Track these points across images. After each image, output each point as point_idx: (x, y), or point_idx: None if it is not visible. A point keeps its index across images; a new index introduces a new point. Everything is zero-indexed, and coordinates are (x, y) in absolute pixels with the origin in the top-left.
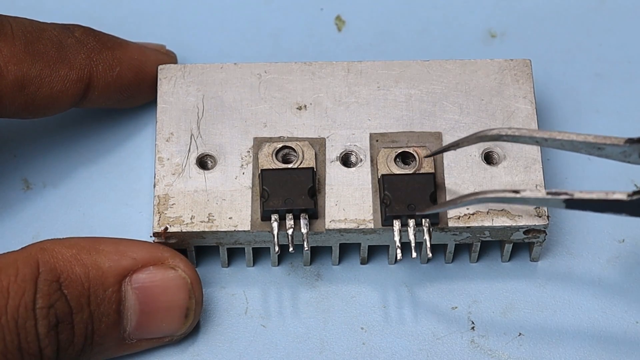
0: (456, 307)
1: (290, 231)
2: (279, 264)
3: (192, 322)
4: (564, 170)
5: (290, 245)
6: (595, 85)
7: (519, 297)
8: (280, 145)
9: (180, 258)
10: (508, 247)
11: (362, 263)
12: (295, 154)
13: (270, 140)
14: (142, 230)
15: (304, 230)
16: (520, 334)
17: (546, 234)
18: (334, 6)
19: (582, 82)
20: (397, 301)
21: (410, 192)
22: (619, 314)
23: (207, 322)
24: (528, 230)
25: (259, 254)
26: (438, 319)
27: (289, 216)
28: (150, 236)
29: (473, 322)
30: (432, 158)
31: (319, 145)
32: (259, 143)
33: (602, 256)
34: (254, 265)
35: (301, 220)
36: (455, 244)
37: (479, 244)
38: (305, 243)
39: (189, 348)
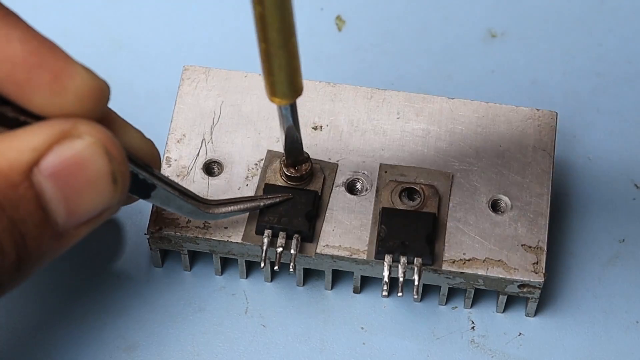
0: (456, 307)
1: (279, 249)
2: (272, 281)
3: (124, 185)
4: (564, 169)
5: (276, 263)
6: (595, 85)
7: (519, 296)
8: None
9: (82, 122)
10: (502, 299)
11: (355, 292)
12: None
13: (282, 156)
14: (142, 230)
15: (293, 251)
16: (520, 333)
17: (541, 291)
18: (334, 6)
19: (582, 82)
20: (397, 301)
21: (408, 229)
22: (619, 314)
23: (207, 322)
24: (523, 285)
25: (255, 266)
26: (438, 319)
27: (282, 234)
28: (145, 234)
29: (473, 322)
30: (438, 197)
31: (329, 170)
32: (271, 157)
33: (602, 256)
34: (247, 277)
35: (293, 241)
36: (450, 288)
37: (473, 290)
38: (291, 264)
39: (189, 348)
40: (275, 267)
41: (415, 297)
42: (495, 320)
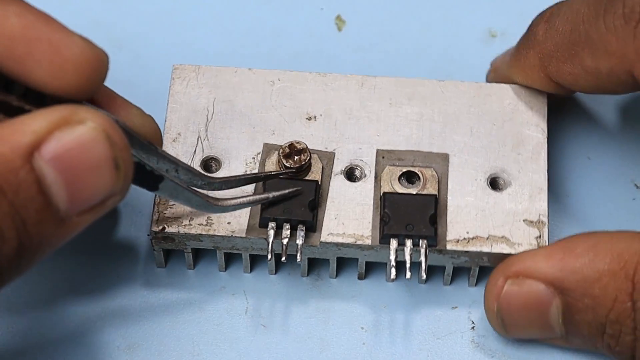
0: (456, 307)
1: (285, 241)
2: (276, 273)
3: (127, 172)
4: (564, 169)
5: (283, 254)
6: None
7: None
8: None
9: (85, 109)
10: None
11: (360, 278)
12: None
13: (279, 148)
14: (142, 230)
15: (299, 241)
16: None
17: None
18: (334, 6)
19: None
20: (397, 301)
21: (410, 212)
22: None
23: (207, 322)
24: None
25: (258, 261)
26: (438, 319)
27: (286, 226)
28: (148, 235)
29: (473, 322)
30: (437, 179)
31: (327, 159)
32: (267, 149)
33: None
34: (251, 272)
35: (297, 232)
36: (454, 267)
37: (477, 268)
38: (298, 254)
39: (189, 348)
40: (283, 259)
41: (424, 278)
42: None
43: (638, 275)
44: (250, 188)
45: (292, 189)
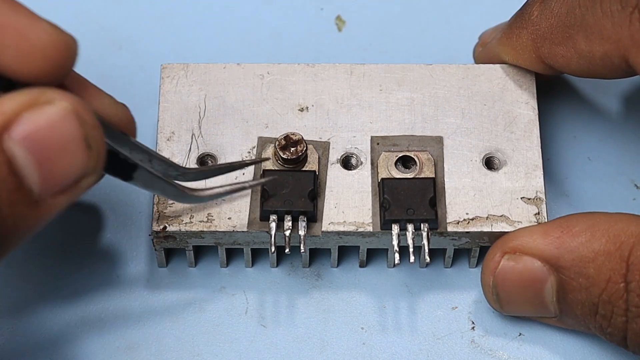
0: (456, 307)
1: (287, 232)
2: (277, 266)
3: (99, 151)
4: (564, 169)
5: (286, 246)
6: (595, 85)
7: None
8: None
9: (52, 90)
10: None
11: (361, 266)
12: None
13: (275, 140)
14: (142, 230)
15: (301, 232)
16: (520, 334)
17: None
18: (334, 6)
19: (582, 82)
20: (397, 301)
21: (410, 196)
22: None
23: (207, 322)
24: None
25: (259, 255)
26: (438, 319)
27: (288, 217)
28: (149, 235)
29: (473, 322)
30: (433, 163)
31: (322, 148)
32: (262, 143)
33: None
34: (252, 266)
35: (299, 223)
36: (455, 249)
37: (478, 249)
38: (302, 245)
39: (189, 348)
40: (287, 250)
41: (427, 261)
42: (495, 320)
43: (633, 257)
44: (228, 179)
45: (268, 179)
